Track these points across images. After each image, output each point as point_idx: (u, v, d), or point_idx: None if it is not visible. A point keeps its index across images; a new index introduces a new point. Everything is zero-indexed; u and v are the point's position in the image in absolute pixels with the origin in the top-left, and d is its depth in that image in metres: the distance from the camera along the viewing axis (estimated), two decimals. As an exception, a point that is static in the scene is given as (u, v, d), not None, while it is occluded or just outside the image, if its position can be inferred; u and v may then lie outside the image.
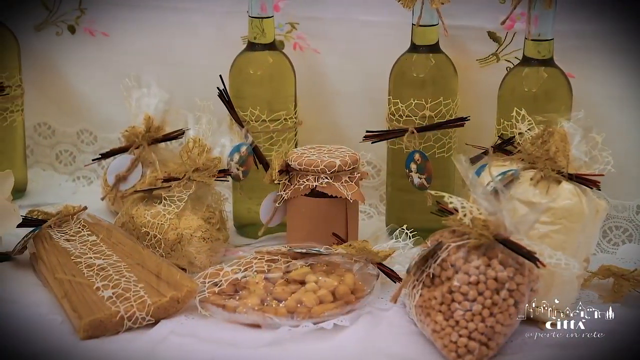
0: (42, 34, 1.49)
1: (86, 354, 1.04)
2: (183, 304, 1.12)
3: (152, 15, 1.44)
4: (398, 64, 1.29)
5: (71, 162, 1.53)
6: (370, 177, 1.42)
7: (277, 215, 1.27)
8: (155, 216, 1.24)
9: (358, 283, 1.14)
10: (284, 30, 1.40)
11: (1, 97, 1.39)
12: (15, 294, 1.15)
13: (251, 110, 1.30)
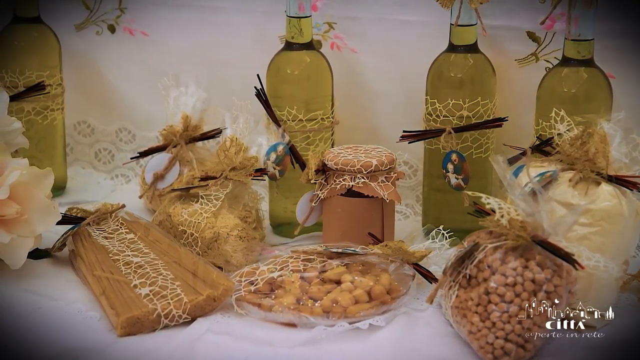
0: (83, 33, 1.50)
1: (123, 350, 1.05)
2: (219, 303, 1.12)
3: (191, 14, 1.45)
4: (436, 64, 1.29)
5: (110, 160, 1.55)
6: (407, 177, 1.41)
7: (313, 214, 1.28)
8: (192, 214, 1.24)
9: (394, 283, 1.14)
10: (322, 29, 1.40)
11: (42, 95, 1.41)
12: (55, 291, 1.16)
13: (288, 110, 1.30)
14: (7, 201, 1.15)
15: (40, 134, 1.43)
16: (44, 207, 1.18)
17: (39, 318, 1.10)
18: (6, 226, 1.15)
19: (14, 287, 1.16)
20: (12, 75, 1.40)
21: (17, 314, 1.10)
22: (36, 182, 1.18)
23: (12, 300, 1.12)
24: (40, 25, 1.42)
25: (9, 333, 1.06)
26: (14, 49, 1.41)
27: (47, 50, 1.42)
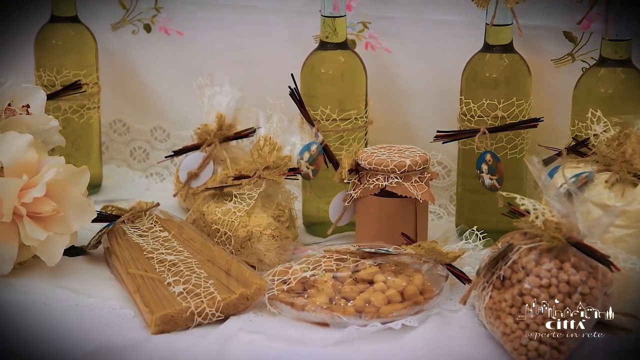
0: (119, 32, 1.51)
1: (157, 348, 1.05)
2: (252, 301, 1.12)
3: (226, 14, 1.46)
4: (471, 64, 1.28)
5: (145, 158, 1.56)
6: (441, 177, 1.41)
7: (346, 214, 1.28)
8: (225, 213, 1.25)
9: (427, 284, 1.14)
10: (356, 29, 1.40)
11: (79, 94, 1.42)
12: (90, 288, 1.17)
13: (322, 109, 1.31)
14: (44, 199, 1.16)
15: (76, 133, 1.44)
16: (79, 205, 1.19)
17: (74, 315, 1.11)
18: (43, 223, 1.17)
19: (50, 283, 1.17)
20: (50, 74, 1.42)
21: (53, 310, 1.11)
22: (72, 180, 1.19)
23: (48, 297, 1.14)
24: (77, 24, 1.43)
25: (45, 329, 1.07)
26: (52, 48, 1.42)
27: (84, 50, 1.43)
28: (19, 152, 1.17)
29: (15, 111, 1.20)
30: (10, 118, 1.20)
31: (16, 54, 1.51)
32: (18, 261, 1.19)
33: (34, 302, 1.12)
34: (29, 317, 1.09)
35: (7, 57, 1.53)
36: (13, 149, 1.17)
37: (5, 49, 1.53)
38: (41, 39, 1.43)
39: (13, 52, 1.52)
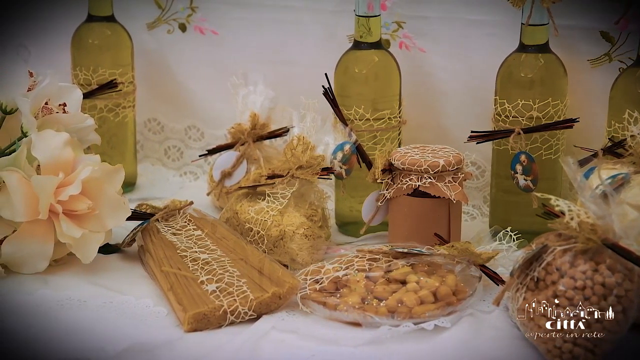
0: (154, 32, 1.52)
1: (190, 346, 1.06)
2: (284, 300, 1.13)
3: (261, 13, 1.46)
4: (506, 64, 1.28)
5: (179, 157, 1.56)
6: (474, 177, 1.40)
7: (379, 214, 1.27)
8: (258, 212, 1.25)
9: (460, 284, 1.13)
10: (391, 29, 1.40)
11: (114, 93, 1.43)
12: (124, 286, 1.18)
13: (355, 109, 1.30)
14: (80, 196, 1.17)
15: (111, 131, 1.45)
16: (114, 203, 1.20)
17: (108, 312, 1.11)
18: (78, 221, 1.18)
19: (85, 281, 1.18)
20: (86, 72, 1.43)
21: (88, 307, 1.12)
22: (107, 178, 1.20)
23: (83, 294, 1.15)
24: (113, 24, 1.44)
25: (80, 326, 1.08)
26: (88, 47, 1.43)
27: (120, 49, 1.44)
28: (56, 150, 1.18)
29: (52, 110, 1.22)
30: (47, 116, 1.21)
31: (53, 53, 1.52)
32: (54, 258, 1.20)
33: (69, 298, 1.13)
34: (64, 313, 1.11)
35: (44, 56, 1.54)
36: (50, 147, 1.18)
37: (43, 48, 1.55)
38: (78, 38, 1.44)
39: (50, 51, 1.53)
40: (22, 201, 1.16)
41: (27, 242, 1.17)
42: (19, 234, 1.18)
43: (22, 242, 1.17)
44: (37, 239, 1.18)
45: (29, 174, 1.17)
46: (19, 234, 1.18)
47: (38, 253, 1.18)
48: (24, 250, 1.18)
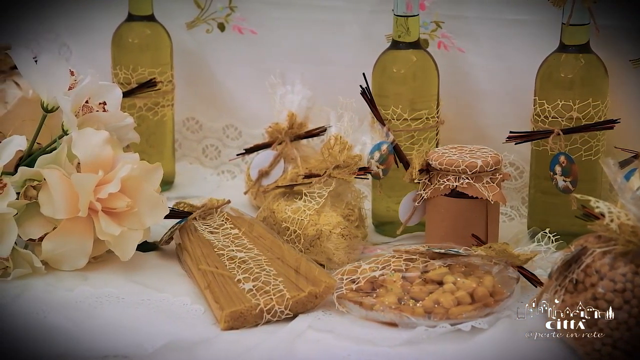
0: (193, 31, 1.53)
1: (227, 344, 1.06)
2: (321, 300, 1.13)
3: (299, 13, 1.46)
4: (546, 64, 1.26)
5: (216, 156, 1.57)
6: (513, 178, 1.39)
7: (416, 214, 1.27)
8: (295, 212, 1.25)
9: (497, 286, 1.12)
10: (429, 28, 1.39)
11: (153, 92, 1.44)
12: (162, 283, 1.18)
13: (393, 109, 1.30)
14: (119, 194, 1.18)
15: (150, 130, 1.46)
16: (153, 201, 1.21)
17: (146, 309, 1.12)
18: (117, 219, 1.19)
19: (123, 278, 1.19)
20: (126, 71, 1.44)
21: (126, 304, 1.13)
22: (146, 177, 1.21)
23: (121, 291, 1.15)
24: (153, 23, 1.46)
25: (118, 322, 1.09)
26: (128, 46, 1.45)
27: (160, 48, 1.46)
28: (95, 148, 1.19)
29: (92, 108, 1.23)
30: (87, 115, 1.22)
31: (94, 52, 1.54)
32: (93, 255, 1.21)
33: (108, 295, 1.14)
34: (102, 310, 1.12)
35: (85, 55, 1.56)
36: (90, 146, 1.19)
37: (84, 47, 1.57)
38: (118, 38, 1.45)
39: (91, 50, 1.55)
40: (62, 198, 1.17)
41: (67, 239, 1.19)
42: (59, 231, 1.19)
43: (62, 239, 1.19)
44: (77, 236, 1.19)
45: (70, 172, 1.19)
46: (59, 231, 1.19)
47: (78, 250, 1.19)
48: (64, 247, 1.19)
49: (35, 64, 1.23)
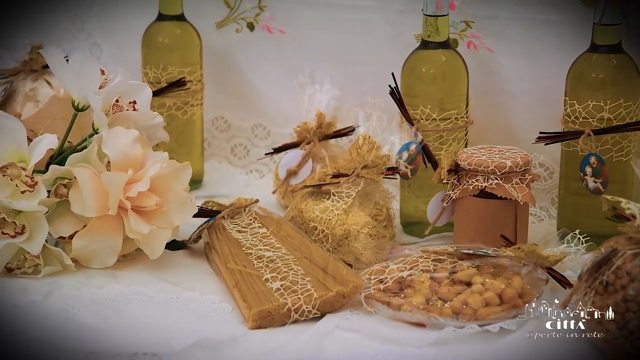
0: (223, 31, 1.54)
1: (254, 343, 1.06)
2: (348, 299, 1.13)
3: (328, 13, 1.46)
4: (576, 64, 1.26)
5: (245, 155, 1.58)
6: (542, 179, 1.38)
7: (444, 214, 1.27)
8: (323, 211, 1.25)
9: (526, 287, 1.12)
10: (459, 28, 1.39)
11: (183, 91, 1.45)
12: (190, 282, 1.19)
13: (422, 109, 1.30)
14: (148, 193, 1.19)
15: (180, 129, 1.47)
16: (181, 200, 1.21)
17: (175, 307, 1.13)
18: (146, 217, 1.19)
19: (152, 276, 1.20)
20: (156, 71, 1.45)
21: (155, 302, 1.14)
22: (175, 176, 1.22)
23: (150, 289, 1.16)
24: (183, 23, 1.46)
25: (147, 320, 1.10)
26: (158, 45, 1.45)
27: (189, 47, 1.46)
28: (125, 147, 1.20)
29: (122, 107, 1.23)
30: (117, 114, 1.23)
31: (125, 51, 1.55)
32: (122, 253, 1.22)
33: (137, 293, 1.15)
34: (131, 307, 1.12)
35: (116, 54, 1.57)
36: (120, 144, 1.20)
37: (114, 47, 1.58)
38: (148, 37, 1.46)
39: (122, 49, 1.56)
40: (92, 197, 1.18)
41: (96, 237, 1.20)
42: (89, 229, 1.20)
43: (92, 237, 1.20)
44: (107, 234, 1.20)
45: (100, 170, 1.20)
46: (89, 229, 1.20)
47: (107, 248, 1.20)
48: (94, 245, 1.20)
49: (66, 63, 1.23)
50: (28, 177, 1.17)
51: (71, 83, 1.24)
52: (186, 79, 1.44)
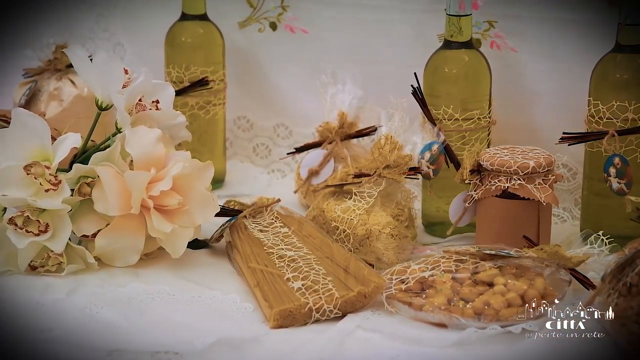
0: (245, 30, 1.54)
1: (275, 342, 1.07)
2: (370, 300, 1.13)
3: (351, 13, 1.46)
4: (600, 65, 1.25)
5: (267, 155, 1.58)
6: (566, 180, 1.37)
7: (466, 215, 1.26)
8: (345, 211, 1.25)
9: (549, 288, 1.11)
10: (482, 28, 1.38)
11: (205, 90, 1.45)
12: (212, 281, 1.19)
13: (444, 109, 1.29)
14: (170, 192, 1.19)
15: (202, 128, 1.47)
16: (204, 199, 1.21)
17: (197, 306, 1.13)
18: (168, 216, 1.20)
19: (174, 275, 1.20)
20: (179, 70, 1.45)
21: (177, 301, 1.14)
22: (197, 175, 1.22)
23: (172, 288, 1.17)
24: (206, 22, 1.47)
25: (169, 319, 1.10)
26: (181, 45, 1.46)
27: (212, 47, 1.47)
28: (148, 146, 1.20)
29: (145, 106, 1.24)
30: (140, 113, 1.24)
31: (148, 50, 1.56)
32: (144, 252, 1.22)
33: (159, 292, 1.16)
34: (154, 306, 1.13)
35: (139, 54, 1.58)
36: (142, 143, 1.20)
37: (138, 46, 1.59)
38: (172, 37, 1.47)
39: (145, 49, 1.57)
40: (115, 195, 1.18)
41: (119, 235, 1.20)
42: (112, 227, 1.20)
43: (115, 235, 1.20)
44: (129, 232, 1.20)
45: (123, 169, 1.20)
46: (112, 227, 1.20)
47: (130, 246, 1.21)
48: (117, 244, 1.20)
49: (90, 63, 1.24)
50: (52, 176, 1.18)
51: (95, 82, 1.25)
52: (209, 78, 1.45)
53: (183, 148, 1.32)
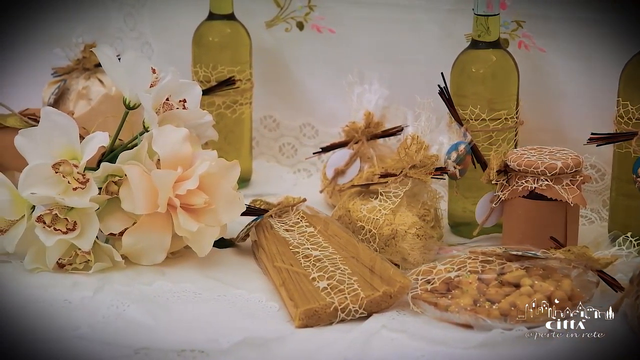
0: (272, 30, 1.54)
1: (301, 341, 1.07)
2: (395, 300, 1.12)
3: (378, 12, 1.46)
4: (630, 65, 1.24)
5: (293, 154, 1.58)
6: (594, 180, 1.36)
7: (493, 215, 1.26)
8: (371, 211, 1.25)
9: (576, 290, 1.10)
10: (510, 28, 1.38)
11: (232, 90, 1.46)
12: (238, 280, 1.19)
13: (471, 109, 1.29)
14: (197, 191, 1.20)
15: (228, 127, 1.48)
16: (230, 198, 1.22)
17: (222, 305, 1.13)
18: (195, 215, 1.20)
19: (200, 274, 1.21)
20: (206, 69, 1.46)
21: (202, 299, 1.15)
22: (224, 174, 1.22)
23: (198, 287, 1.17)
24: (233, 22, 1.47)
25: (194, 317, 1.11)
26: (209, 44, 1.46)
27: (239, 47, 1.47)
28: (175, 145, 1.21)
29: (172, 105, 1.24)
30: (167, 112, 1.24)
31: (175, 50, 1.56)
32: (171, 251, 1.23)
33: (185, 290, 1.16)
34: (180, 304, 1.13)
35: (167, 53, 1.59)
36: (169, 142, 1.21)
37: (165, 46, 1.59)
38: (199, 36, 1.47)
39: (172, 48, 1.58)
40: (142, 194, 1.19)
41: (146, 234, 1.21)
42: (138, 226, 1.21)
43: (141, 234, 1.21)
44: (156, 231, 1.21)
45: (150, 168, 1.21)
46: (138, 226, 1.21)
47: (156, 245, 1.21)
48: (143, 242, 1.21)
49: (118, 62, 1.25)
50: (80, 174, 1.19)
51: (123, 81, 1.25)
52: (236, 77, 1.45)
53: (210, 147, 1.33)
